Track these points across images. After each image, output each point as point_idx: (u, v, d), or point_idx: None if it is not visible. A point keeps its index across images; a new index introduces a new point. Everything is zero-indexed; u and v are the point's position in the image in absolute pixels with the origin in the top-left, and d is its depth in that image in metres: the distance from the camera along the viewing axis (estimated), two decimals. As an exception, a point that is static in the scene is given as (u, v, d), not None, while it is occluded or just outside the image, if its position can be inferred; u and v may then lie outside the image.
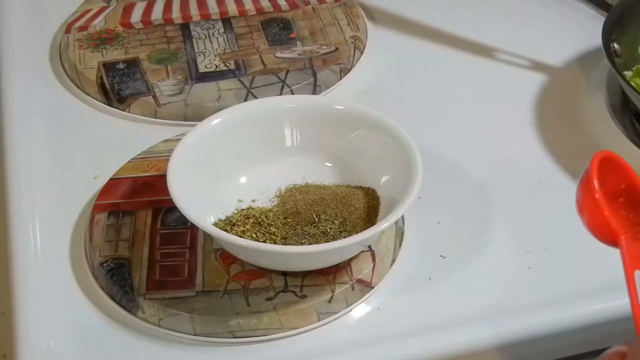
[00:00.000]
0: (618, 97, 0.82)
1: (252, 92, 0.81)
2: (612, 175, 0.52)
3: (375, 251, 0.66)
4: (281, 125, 0.72)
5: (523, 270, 0.67)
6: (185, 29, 0.90)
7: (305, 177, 0.71)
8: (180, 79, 0.83)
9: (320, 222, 0.67)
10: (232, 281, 0.64)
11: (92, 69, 0.85)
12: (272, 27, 0.90)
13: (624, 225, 0.51)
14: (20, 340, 0.63)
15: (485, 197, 0.73)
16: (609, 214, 0.50)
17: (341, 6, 0.92)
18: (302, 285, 0.64)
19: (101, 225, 0.69)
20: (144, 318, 0.64)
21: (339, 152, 0.72)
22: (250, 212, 0.67)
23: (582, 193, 0.52)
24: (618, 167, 0.53)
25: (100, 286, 0.66)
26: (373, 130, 0.70)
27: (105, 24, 0.90)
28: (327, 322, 0.64)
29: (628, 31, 0.82)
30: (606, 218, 0.50)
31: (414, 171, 0.65)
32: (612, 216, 0.51)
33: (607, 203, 0.51)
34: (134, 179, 0.73)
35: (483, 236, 0.70)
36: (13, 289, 0.66)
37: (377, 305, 0.65)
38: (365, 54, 0.88)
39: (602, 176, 0.51)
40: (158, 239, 0.68)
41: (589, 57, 0.87)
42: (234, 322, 0.62)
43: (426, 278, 0.67)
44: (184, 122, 0.80)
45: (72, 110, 0.83)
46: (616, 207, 0.52)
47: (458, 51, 0.89)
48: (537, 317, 0.64)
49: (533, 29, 0.92)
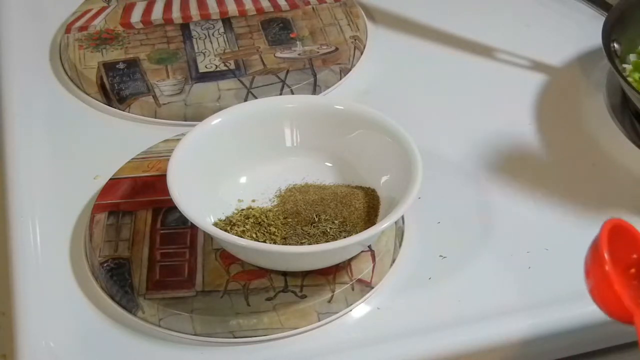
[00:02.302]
0: (618, 97, 0.82)
1: (252, 92, 0.82)
2: (623, 244, 0.49)
3: (375, 251, 0.66)
4: (281, 125, 0.72)
5: (523, 270, 0.67)
6: (185, 29, 0.90)
7: (305, 177, 0.71)
8: (180, 79, 0.83)
9: (320, 222, 0.67)
10: (232, 281, 0.64)
11: (92, 69, 0.85)
12: (272, 27, 0.90)
13: (636, 297, 0.48)
14: (20, 340, 0.63)
15: (485, 197, 0.73)
16: (620, 289, 0.46)
17: (341, 6, 0.92)
18: (302, 285, 0.64)
19: (101, 225, 0.69)
20: (144, 318, 0.64)
21: (339, 152, 0.72)
22: (250, 212, 0.67)
23: (591, 263, 0.48)
24: (629, 236, 0.49)
25: (100, 286, 0.66)
26: (373, 130, 0.70)
27: (105, 24, 0.90)
28: (327, 322, 0.64)
29: (628, 31, 0.82)
30: (617, 293, 0.46)
31: (414, 171, 0.65)
32: (624, 290, 0.47)
33: (618, 275, 0.47)
34: (134, 179, 0.73)
35: (483, 236, 0.70)
36: (13, 289, 0.66)
37: (377, 305, 0.65)
38: (365, 54, 0.88)
39: (612, 245, 0.47)
40: (158, 239, 0.68)
41: (589, 57, 0.87)
42: (234, 322, 0.62)
43: (426, 278, 0.67)
44: (184, 122, 0.80)
45: (72, 110, 0.83)
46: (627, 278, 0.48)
47: (458, 51, 0.89)
48: (537, 317, 0.64)
49: (533, 29, 0.92)
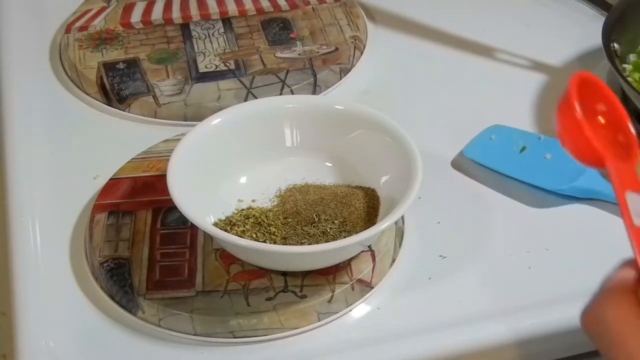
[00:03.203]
0: (618, 97, 0.81)
1: (252, 92, 0.82)
2: (590, 96, 0.51)
3: (375, 251, 0.66)
4: (281, 125, 0.72)
5: (523, 270, 0.67)
6: (185, 29, 0.90)
7: (305, 177, 0.71)
8: (180, 79, 0.83)
9: (320, 222, 0.67)
10: (232, 281, 0.64)
11: (92, 69, 0.85)
12: (272, 27, 0.90)
13: (605, 143, 0.49)
14: (20, 340, 0.63)
15: (485, 197, 0.73)
16: (591, 134, 0.48)
17: (341, 6, 0.92)
18: (302, 285, 0.64)
19: (101, 225, 0.69)
20: (144, 318, 0.64)
21: (339, 152, 0.72)
22: (250, 212, 0.67)
23: (562, 115, 0.50)
24: (596, 88, 0.51)
25: (100, 286, 0.66)
26: (373, 130, 0.70)
27: (105, 24, 0.90)
28: (327, 322, 0.64)
29: (628, 31, 0.82)
30: (589, 138, 0.48)
31: (414, 171, 0.65)
32: (594, 135, 0.49)
33: (588, 122, 0.49)
34: (134, 179, 0.73)
35: (483, 236, 0.70)
36: (13, 289, 0.66)
37: (377, 305, 0.65)
38: (365, 54, 0.88)
39: (580, 97, 0.49)
40: (158, 239, 0.68)
41: (589, 57, 0.87)
42: (234, 322, 0.62)
43: (426, 278, 0.67)
44: (184, 122, 0.80)
45: (72, 110, 0.83)
46: (597, 127, 0.50)
47: (458, 51, 0.89)
48: (537, 317, 0.64)
49: (533, 29, 0.92)
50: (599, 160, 0.49)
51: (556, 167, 0.73)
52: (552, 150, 0.75)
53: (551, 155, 0.75)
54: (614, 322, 0.41)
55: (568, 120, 0.49)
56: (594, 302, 0.42)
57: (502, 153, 0.76)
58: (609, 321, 0.41)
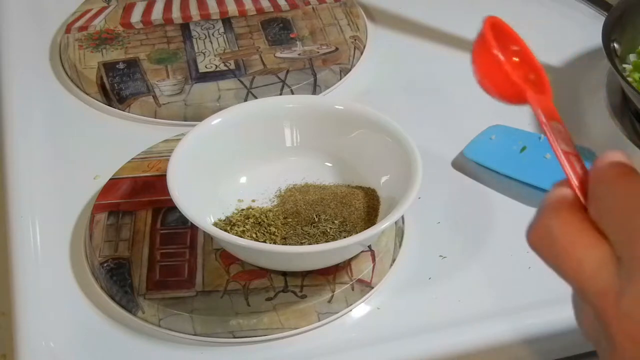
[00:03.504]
0: (618, 97, 0.82)
1: (252, 92, 0.82)
2: (502, 39, 0.52)
3: (375, 251, 0.66)
4: (281, 125, 0.72)
5: (523, 270, 0.67)
6: (185, 29, 0.90)
7: (305, 177, 0.71)
8: (180, 79, 0.83)
9: (320, 222, 0.67)
10: (232, 281, 0.64)
11: (92, 69, 0.85)
12: (272, 27, 0.90)
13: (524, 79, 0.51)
14: (20, 340, 0.63)
15: (485, 197, 0.73)
16: (510, 69, 0.50)
17: (341, 6, 0.92)
18: (302, 285, 0.64)
19: (101, 225, 0.69)
20: (144, 318, 0.64)
21: (339, 152, 0.72)
22: (250, 212, 0.67)
23: (479, 54, 0.51)
24: (505, 31, 0.53)
25: (100, 286, 0.66)
26: (373, 130, 0.70)
27: (105, 24, 0.90)
28: (327, 322, 0.64)
29: (628, 31, 0.82)
30: (509, 73, 0.50)
31: (414, 171, 0.65)
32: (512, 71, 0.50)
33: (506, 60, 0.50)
34: (134, 179, 0.73)
35: (483, 236, 0.70)
36: (13, 289, 0.66)
37: (377, 305, 0.65)
38: (365, 54, 0.88)
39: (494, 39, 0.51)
40: (158, 239, 0.68)
41: (589, 57, 0.87)
42: (234, 322, 0.62)
43: (426, 278, 0.67)
44: (184, 122, 0.80)
45: (72, 110, 0.83)
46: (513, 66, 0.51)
47: (458, 51, 0.89)
48: (537, 317, 0.64)
49: (533, 29, 0.92)
50: (519, 94, 0.50)
51: (556, 167, 0.73)
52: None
53: (551, 155, 0.74)
54: (560, 233, 0.43)
55: (486, 57, 0.51)
56: (538, 218, 0.44)
57: (502, 153, 0.76)
58: (556, 233, 0.43)
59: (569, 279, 0.43)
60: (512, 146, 0.76)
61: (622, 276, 0.39)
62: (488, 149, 0.76)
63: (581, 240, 0.42)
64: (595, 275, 0.41)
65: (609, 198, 0.41)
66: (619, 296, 0.39)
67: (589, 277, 0.41)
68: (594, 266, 0.41)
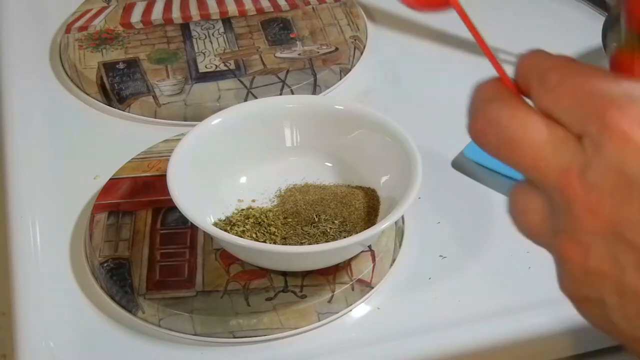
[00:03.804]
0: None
1: (252, 92, 0.82)
2: None
3: (375, 251, 0.66)
4: (281, 125, 0.72)
5: (523, 270, 0.67)
6: (185, 29, 0.90)
7: (305, 177, 0.71)
8: (180, 79, 0.83)
9: (320, 222, 0.67)
10: (232, 281, 0.64)
11: (92, 69, 0.85)
12: (272, 27, 0.90)
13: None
14: (20, 340, 0.63)
15: (485, 197, 0.73)
16: None
17: (341, 6, 0.92)
18: (302, 285, 0.64)
19: (101, 225, 0.69)
20: (144, 318, 0.64)
21: (339, 152, 0.72)
22: (250, 212, 0.67)
23: None
24: None
25: (100, 286, 0.66)
26: (373, 130, 0.70)
27: (105, 24, 0.91)
28: (327, 322, 0.64)
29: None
30: None
31: (414, 171, 0.65)
32: None
33: None
34: (134, 179, 0.73)
35: (483, 236, 0.70)
36: (13, 289, 0.66)
37: (377, 305, 0.65)
38: (365, 54, 0.88)
39: None
40: (158, 239, 0.68)
41: (589, 57, 0.87)
42: (234, 322, 0.62)
43: (426, 278, 0.67)
44: (184, 122, 0.80)
45: (72, 110, 0.83)
46: None
47: (458, 51, 0.89)
48: (537, 317, 0.64)
49: (533, 29, 0.92)
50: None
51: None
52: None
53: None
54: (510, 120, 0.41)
55: None
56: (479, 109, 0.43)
57: (502, 153, 0.76)
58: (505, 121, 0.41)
59: (525, 165, 0.41)
60: (512, 146, 0.76)
61: (587, 150, 0.38)
62: None
63: (535, 124, 0.40)
64: (556, 153, 0.39)
65: (556, 80, 0.40)
66: (585, 169, 0.38)
67: (549, 156, 0.39)
68: (553, 145, 0.39)
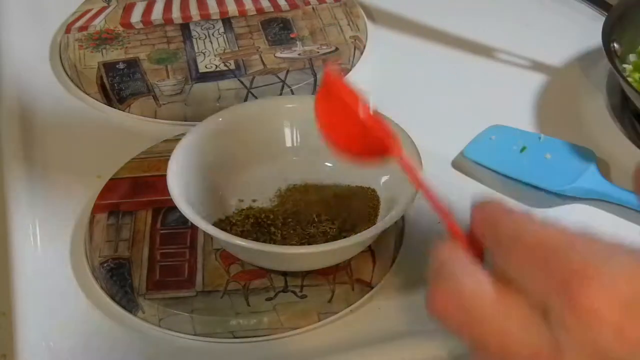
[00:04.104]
0: (618, 97, 0.82)
1: (252, 92, 0.82)
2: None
3: (375, 251, 0.66)
4: (281, 125, 0.72)
5: (523, 270, 0.67)
6: (185, 29, 0.90)
7: (305, 177, 0.71)
8: (180, 79, 0.83)
9: (320, 222, 0.67)
10: (232, 281, 0.64)
11: (92, 69, 0.85)
12: (272, 27, 0.90)
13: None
14: (20, 340, 0.63)
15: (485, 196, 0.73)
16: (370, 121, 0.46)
17: (341, 6, 0.92)
18: (302, 285, 0.64)
19: (101, 225, 0.69)
20: (144, 318, 0.64)
21: (339, 152, 0.72)
22: (250, 212, 0.67)
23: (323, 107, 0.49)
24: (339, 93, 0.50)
25: (100, 286, 0.66)
26: (373, 130, 0.70)
27: (105, 24, 0.91)
28: (327, 322, 0.64)
29: (628, 31, 0.82)
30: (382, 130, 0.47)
31: (414, 171, 0.65)
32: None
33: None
34: (134, 179, 0.73)
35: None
36: (13, 289, 0.66)
37: (377, 305, 0.65)
38: (365, 54, 0.88)
39: None
40: (158, 239, 0.68)
41: (589, 57, 0.87)
42: (234, 322, 0.62)
43: (426, 278, 0.67)
44: (184, 122, 0.80)
45: (72, 110, 0.83)
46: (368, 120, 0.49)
47: (458, 51, 0.89)
48: (537, 317, 0.64)
49: (533, 29, 0.92)
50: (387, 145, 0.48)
51: (556, 167, 0.74)
52: (552, 150, 0.75)
53: (551, 155, 0.75)
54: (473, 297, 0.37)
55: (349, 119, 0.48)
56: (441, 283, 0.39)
57: (502, 153, 0.76)
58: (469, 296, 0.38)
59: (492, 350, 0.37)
60: (512, 146, 0.76)
61: (555, 329, 0.34)
62: (488, 149, 0.76)
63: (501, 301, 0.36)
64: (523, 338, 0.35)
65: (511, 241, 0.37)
66: (557, 353, 0.34)
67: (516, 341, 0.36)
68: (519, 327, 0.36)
